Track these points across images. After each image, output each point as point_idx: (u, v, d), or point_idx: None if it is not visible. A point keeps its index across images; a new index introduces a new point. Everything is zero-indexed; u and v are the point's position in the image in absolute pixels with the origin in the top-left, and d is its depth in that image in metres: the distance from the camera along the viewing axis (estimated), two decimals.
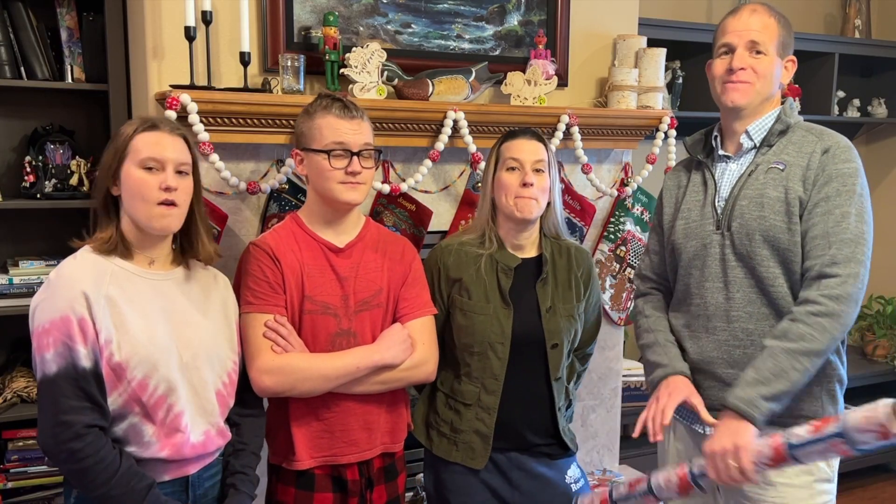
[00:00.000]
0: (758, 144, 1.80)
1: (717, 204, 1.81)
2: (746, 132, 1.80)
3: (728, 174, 1.83)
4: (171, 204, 1.60)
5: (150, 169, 1.59)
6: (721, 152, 1.85)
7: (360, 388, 1.85)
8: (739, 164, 1.82)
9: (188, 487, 1.66)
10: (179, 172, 1.63)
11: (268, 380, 1.78)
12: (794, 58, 1.82)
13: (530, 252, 2.01)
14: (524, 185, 1.92)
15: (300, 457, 1.85)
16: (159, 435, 1.59)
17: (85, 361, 1.51)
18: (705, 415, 1.73)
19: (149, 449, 1.59)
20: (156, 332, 1.60)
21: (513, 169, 1.95)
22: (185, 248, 1.72)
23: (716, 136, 1.88)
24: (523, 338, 1.95)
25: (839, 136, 1.76)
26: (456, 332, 1.98)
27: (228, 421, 1.76)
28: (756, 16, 1.77)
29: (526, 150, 1.95)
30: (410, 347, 1.89)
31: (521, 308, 1.96)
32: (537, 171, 1.94)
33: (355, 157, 1.81)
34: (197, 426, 1.65)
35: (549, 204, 2.00)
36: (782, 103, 1.84)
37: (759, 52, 1.75)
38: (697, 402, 1.75)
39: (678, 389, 1.77)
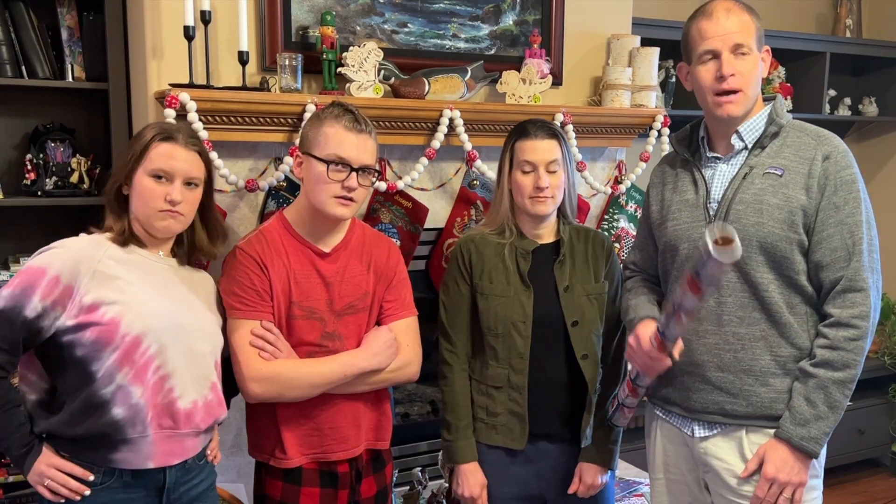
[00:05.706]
0: (749, 146, 1.77)
1: (709, 206, 1.79)
2: (737, 133, 1.77)
3: (719, 175, 1.80)
4: (174, 213, 1.67)
5: (158, 178, 1.66)
6: (710, 154, 1.83)
7: (347, 389, 1.88)
8: (731, 165, 1.79)
9: (162, 494, 1.68)
10: (189, 184, 1.69)
11: (256, 388, 1.79)
12: (769, 47, 1.78)
13: (549, 237, 2.05)
14: (538, 188, 1.95)
15: (290, 455, 1.86)
16: (147, 396, 1.62)
17: (29, 311, 1.56)
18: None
19: (137, 413, 1.61)
20: (151, 297, 1.65)
21: (527, 172, 1.97)
22: (184, 245, 1.79)
23: (702, 137, 1.85)
24: (544, 317, 1.98)
25: (836, 139, 1.74)
26: (480, 318, 2.01)
27: None
28: (733, 15, 1.72)
29: (539, 151, 1.96)
30: (395, 352, 1.91)
31: (540, 289, 1.99)
32: (551, 171, 1.96)
33: (353, 174, 1.79)
34: (188, 393, 1.68)
35: (565, 192, 2.02)
36: (770, 100, 1.81)
37: (743, 54, 1.71)
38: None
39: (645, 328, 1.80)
